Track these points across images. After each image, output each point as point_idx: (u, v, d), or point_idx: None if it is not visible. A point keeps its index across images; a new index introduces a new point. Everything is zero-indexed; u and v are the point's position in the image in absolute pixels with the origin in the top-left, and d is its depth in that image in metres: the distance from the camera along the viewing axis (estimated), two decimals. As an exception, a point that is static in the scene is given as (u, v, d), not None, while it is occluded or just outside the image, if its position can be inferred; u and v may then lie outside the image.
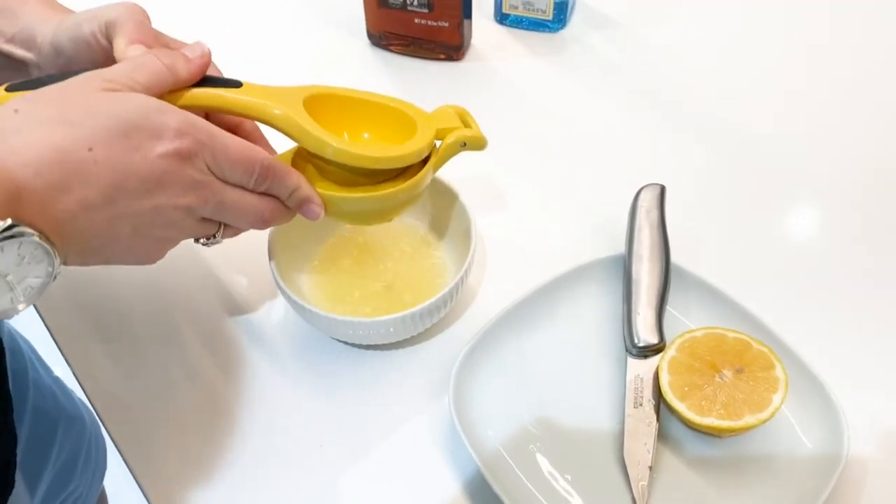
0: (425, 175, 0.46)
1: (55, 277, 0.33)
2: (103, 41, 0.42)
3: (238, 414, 0.49)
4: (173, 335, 0.53)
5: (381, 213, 0.47)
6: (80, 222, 0.33)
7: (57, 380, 0.63)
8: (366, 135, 0.47)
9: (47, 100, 0.34)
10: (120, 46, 0.40)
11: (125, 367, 0.51)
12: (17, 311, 0.33)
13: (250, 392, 0.50)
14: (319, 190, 0.43)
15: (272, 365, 0.51)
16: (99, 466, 0.70)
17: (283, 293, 0.48)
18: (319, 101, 0.44)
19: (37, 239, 0.31)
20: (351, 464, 0.47)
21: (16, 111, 0.32)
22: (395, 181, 0.45)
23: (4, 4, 0.44)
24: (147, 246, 0.38)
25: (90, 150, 0.33)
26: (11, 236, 0.30)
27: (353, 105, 0.46)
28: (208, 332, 0.53)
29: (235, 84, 0.41)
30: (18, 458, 0.44)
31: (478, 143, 0.48)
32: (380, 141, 0.47)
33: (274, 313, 0.54)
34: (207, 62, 0.40)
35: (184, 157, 0.36)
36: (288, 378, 0.51)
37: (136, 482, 0.46)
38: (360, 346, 0.52)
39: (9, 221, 0.30)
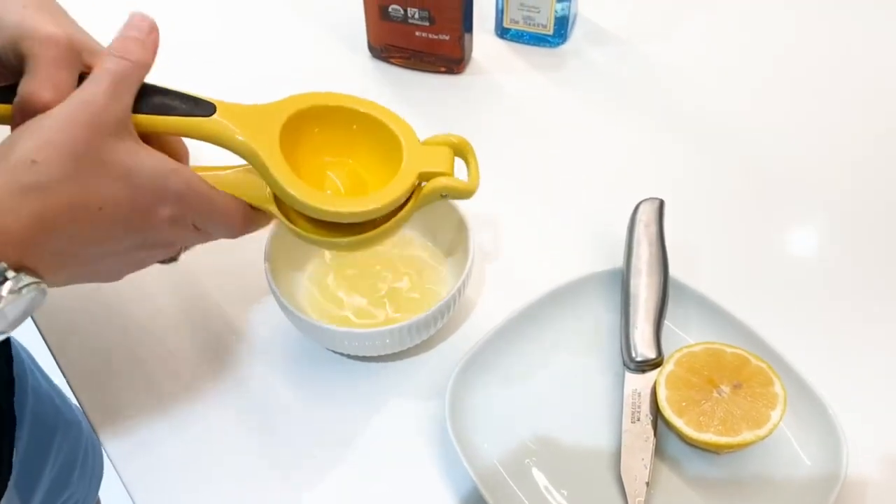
0: (388, 228, 0.43)
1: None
2: (13, 60, 0.38)
3: (232, 425, 0.49)
4: (167, 343, 0.53)
5: (352, 248, 0.45)
6: (71, 267, 0.36)
7: (55, 387, 0.63)
8: (349, 159, 0.45)
9: (60, 149, 0.34)
10: (29, 88, 0.36)
11: (118, 373, 0.51)
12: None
13: (244, 403, 0.50)
14: (295, 227, 0.43)
15: (267, 376, 0.51)
16: (95, 474, 0.70)
17: (279, 303, 0.48)
18: (305, 118, 0.42)
19: (42, 286, 0.33)
20: (345, 476, 0.46)
21: (33, 162, 0.33)
22: (365, 226, 0.43)
23: None
24: (119, 273, 0.41)
25: (100, 209, 0.35)
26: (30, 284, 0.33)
27: (342, 118, 0.44)
28: (202, 342, 0.53)
29: (209, 109, 0.40)
30: (17, 461, 0.44)
31: (462, 194, 0.43)
32: (363, 164, 0.45)
33: (269, 323, 0.54)
34: (157, 34, 0.39)
35: (177, 219, 0.39)
36: (283, 389, 0.50)
37: (125, 489, 0.46)
38: (356, 358, 0.52)
39: (30, 279, 0.32)
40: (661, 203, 0.54)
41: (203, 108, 0.40)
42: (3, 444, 0.52)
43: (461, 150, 0.45)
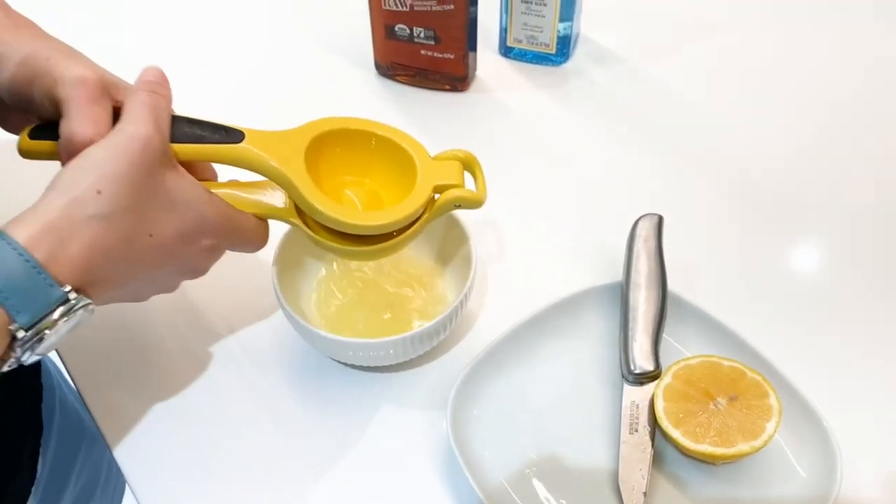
0: (407, 237, 0.47)
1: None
2: (49, 107, 0.41)
3: (235, 433, 0.49)
4: (171, 349, 0.54)
5: (367, 257, 0.49)
6: (112, 289, 0.39)
7: (80, 400, 0.64)
8: (367, 178, 0.48)
9: (120, 180, 0.37)
10: (69, 129, 0.39)
11: (123, 378, 0.52)
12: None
13: (248, 411, 0.51)
14: (318, 237, 0.46)
15: (271, 384, 0.52)
16: (118, 488, 0.70)
17: (285, 312, 0.49)
18: (325, 140, 0.45)
19: (92, 306, 0.36)
20: (348, 485, 0.47)
21: (98, 192, 0.36)
22: (384, 236, 0.46)
23: None
24: (148, 295, 0.44)
25: (151, 236, 0.39)
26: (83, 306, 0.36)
27: (360, 140, 0.47)
28: (207, 349, 0.54)
29: (238, 136, 0.43)
30: (43, 473, 0.45)
31: (473, 204, 0.47)
32: (380, 182, 0.48)
33: (274, 332, 0.55)
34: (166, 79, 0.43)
35: (214, 248, 0.43)
36: (286, 398, 0.51)
37: (135, 497, 0.47)
38: (359, 368, 0.52)
39: (85, 301, 0.36)
40: (660, 219, 0.55)
41: (233, 135, 0.43)
42: (28, 449, 0.53)
43: (469, 163, 0.48)
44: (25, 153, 0.42)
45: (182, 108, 0.48)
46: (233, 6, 0.87)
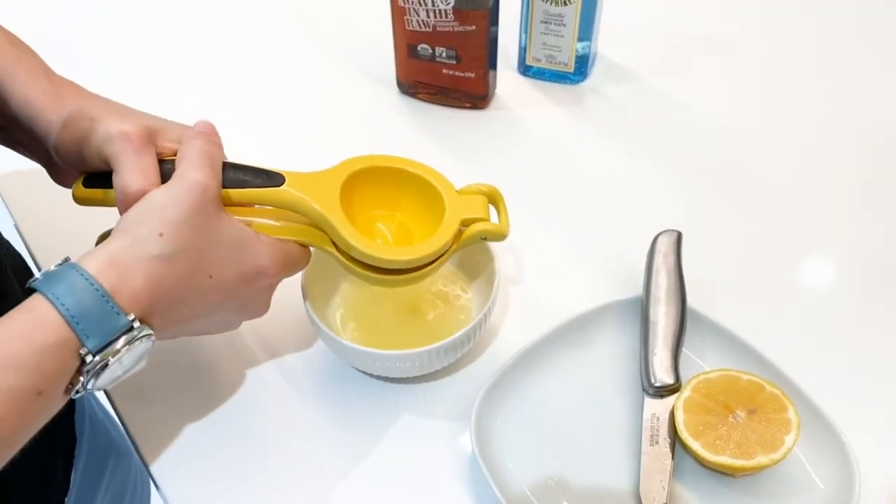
0: (434, 268, 0.49)
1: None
2: (100, 164, 0.44)
3: (259, 441, 0.51)
4: (198, 357, 0.55)
5: (395, 285, 0.50)
6: (175, 326, 0.41)
7: (110, 417, 0.66)
8: (397, 213, 0.51)
9: (181, 225, 0.40)
10: (123, 183, 0.41)
11: (159, 397, 0.54)
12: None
13: (275, 421, 0.52)
14: (353, 266, 0.48)
15: (296, 394, 0.53)
16: (145, 495, 0.72)
17: (313, 322, 0.50)
18: (358, 177, 0.48)
19: (153, 337, 0.39)
20: (374, 494, 0.48)
21: (161, 235, 0.39)
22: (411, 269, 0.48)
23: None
24: (209, 331, 0.47)
25: (210, 276, 0.42)
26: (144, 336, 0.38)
27: (391, 177, 0.50)
28: (231, 359, 0.55)
29: (279, 180, 0.45)
30: (75, 482, 0.46)
31: (498, 237, 0.49)
32: (410, 215, 0.50)
33: (299, 341, 0.56)
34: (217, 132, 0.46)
35: (273, 285, 0.47)
36: (313, 408, 0.52)
37: (162, 497, 0.48)
38: (383, 379, 0.54)
39: (147, 331, 0.38)
40: (679, 235, 0.56)
41: (274, 179, 0.45)
42: (62, 461, 0.54)
43: (493, 197, 0.51)
44: (80, 200, 0.45)
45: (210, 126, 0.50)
46: (256, 27, 0.89)
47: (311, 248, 0.49)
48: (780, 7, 0.90)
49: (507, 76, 0.79)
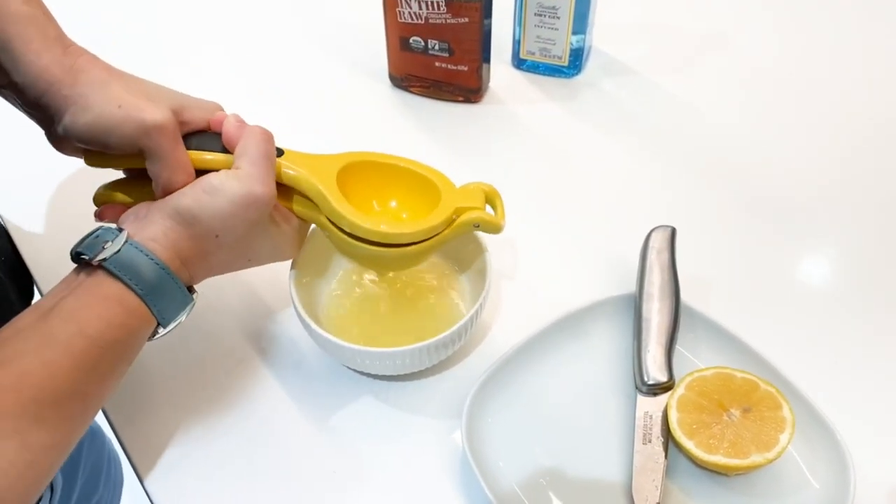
0: (425, 248, 0.48)
1: None
2: (130, 151, 0.44)
3: (248, 439, 0.50)
4: (185, 355, 0.54)
5: (385, 265, 0.51)
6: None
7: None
8: (393, 202, 0.51)
9: (235, 230, 0.44)
10: (167, 177, 0.44)
11: (139, 386, 0.53)
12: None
13: (263, 418, 0.51)
14: (341, 234, 0.48)
15: (285, 391, 0.53)
16: (118, 482, 0.72)
17: (302, 319, 0.50)
18: (355, 168, 0.49)
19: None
20: (363, 492, 0.48)
21: (217, 236, 0.44)
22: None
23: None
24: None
25: (249, 260, 0.48)
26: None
27: (387, 171, 0.50)
28: (221, 354, 0.55)
29: (278, 152, 0.47)
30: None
31: (492, 227, 0.49)
32: (406, 207, 0.51)
33: (288, 338, 0.55)
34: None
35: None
36: (301, 406, 0.52)
37: (148, 496, 0.47)
38: (374, 376, 0.53)
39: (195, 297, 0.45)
40: (673, 231, 0.55)
41: (276, 152, 0.46)
42: None
43: (490, 196, 0.51)
44: (100, 200, 0.48)
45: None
46: (247, 20, 0.88)
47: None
48: (776, 1, 0.89)
49: (500, 70, 0.79)
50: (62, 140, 0.46)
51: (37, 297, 0.60)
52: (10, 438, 0.34)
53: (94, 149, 0.44)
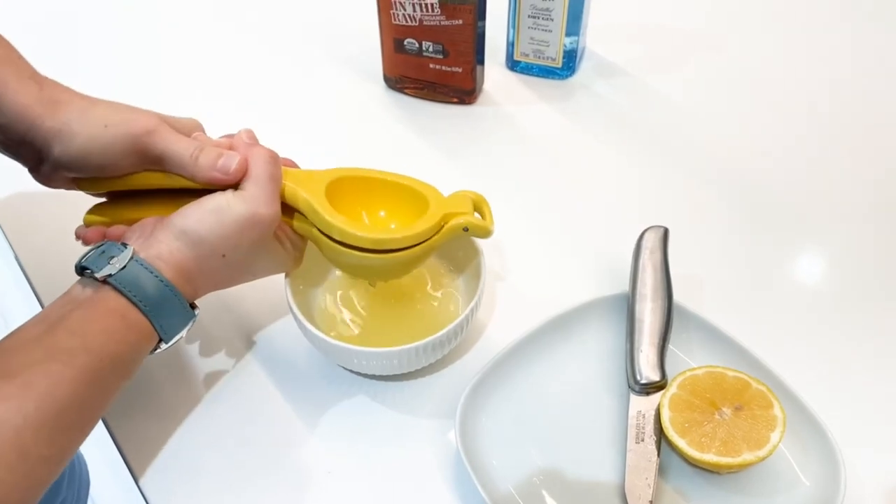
0: (414, 255, 0.49)
1: None
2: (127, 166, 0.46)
3: (240, 438, 0.50)
4: (179, 353, 0.54)
5: (374, 273, 0.51)
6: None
7: None
8: (382, 213, 0.51)
9: (240, 249, 0.45)
10: (186, 166, 0.45)
11: (134, 387, 0.53)
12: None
13: (256, 417, 0.51)
14: (333, 245, 0.48)
15: (280, 391, 0.53)
16: (83, 482, 0.71)
17: (297, 320, 0.50)
18: (344, 183, 0.49)
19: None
20: (357, 492, 0.48)
21: (223, 256, 0.45)
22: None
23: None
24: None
25: (254, 275, 0.49)
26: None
27: (375, 185, 0.51)
28: (216, 355, 0.55)
29: None
30: None
31: (481, 231, 0.50)
32: (395, 218, 0.51)
33: (283, 338, 0.56)
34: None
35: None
36: (296, 406, 0.52)
37: (143, 496, 0.48)
38: (368, 376, 0.53)
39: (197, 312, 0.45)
40: (666, 231, 0.56)
41: None
42: None
43: (477, 202, 0.51)
44: (88, 223, 0.49)
45: (196, 116, 0.50)
46: (241, 19, 0.89)
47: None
48: (768, 2, 0.89)
49: (494, 71, 0.79)
50: (50, 174, 0.47)
51: (37, 305, 0.60)
52: (10, 448, 0.34)
53: (87, 175, 0.45)
